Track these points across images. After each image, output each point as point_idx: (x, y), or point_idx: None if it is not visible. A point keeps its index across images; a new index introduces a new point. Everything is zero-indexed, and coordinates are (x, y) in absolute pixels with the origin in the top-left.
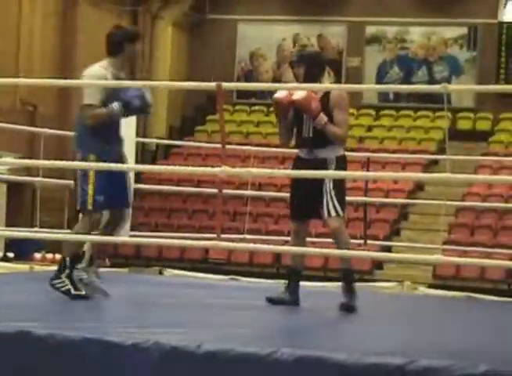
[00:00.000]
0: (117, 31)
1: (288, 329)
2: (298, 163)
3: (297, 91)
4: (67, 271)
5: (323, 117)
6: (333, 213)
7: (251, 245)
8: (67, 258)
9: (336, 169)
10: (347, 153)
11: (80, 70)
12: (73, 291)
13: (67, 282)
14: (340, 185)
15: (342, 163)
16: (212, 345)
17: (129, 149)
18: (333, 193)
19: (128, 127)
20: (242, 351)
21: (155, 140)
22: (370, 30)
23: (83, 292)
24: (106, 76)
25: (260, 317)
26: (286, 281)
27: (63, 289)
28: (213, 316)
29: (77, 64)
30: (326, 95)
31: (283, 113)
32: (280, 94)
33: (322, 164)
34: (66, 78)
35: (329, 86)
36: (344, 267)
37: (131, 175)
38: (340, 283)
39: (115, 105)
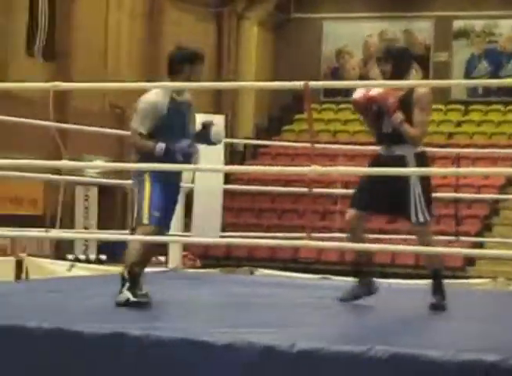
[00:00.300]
0: (178, 52)
1: (380, 327)
2: (376, 159)
3: (374, 88)
4: (128, 284)
5: (399, 116)
6: (421, 218)
7: (341, 244)
8: (128, 270)
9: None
10: (435, 150)
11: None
12: (132, 298)
13: (127, 293)
14: (426, 185)
15: (422, 160)
16: (305, 344)
17: (218, 149)
18: (421, 196)
19: (216, 127)
20: (336, 350)
21: (243, 140)
22: (458, 24)
23: (144, 300)
24: (160, 103)
25: (351, 316)
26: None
27: (122, 300)
28: (305, 316)
29: (162, 66)
30: (410, 92)
31: (364, 112)
32: (357, 94)
33: (400, 161)
34: (152, 80)
35: (413, 83)
36: (433, 267)
37: (221, 176)
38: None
39: (159, 147)
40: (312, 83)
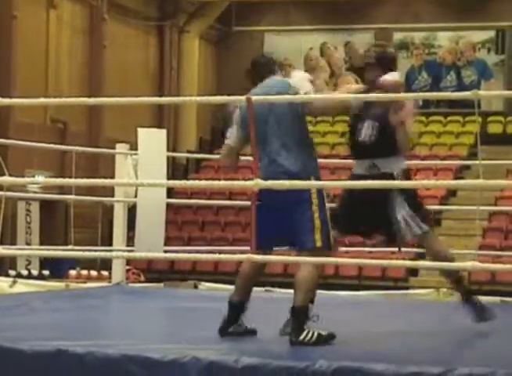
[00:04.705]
0: (266, 59)
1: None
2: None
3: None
4: (306, 321)
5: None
6: (418, 231)
7: (285, 257)
8: (304, 307)
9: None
10: None
11: (108, 86)
12: (322, 333)
13: (311, 330)
14: (412, 199)
15: (408, 175)
16: (250, 360)
17: (161, 163)
18: (409, 213)
19: (158, 141)
20: (279, 364)
21: (186, 154)
22: (397, 36)
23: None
24: None
25: None
26: None
27: (313, 339)
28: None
29: (104, 80)
30: None
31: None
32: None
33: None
34: (93, 94)
35: (361, 96)
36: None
37: (164, 190)
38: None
39: None
40: (255, 98)
